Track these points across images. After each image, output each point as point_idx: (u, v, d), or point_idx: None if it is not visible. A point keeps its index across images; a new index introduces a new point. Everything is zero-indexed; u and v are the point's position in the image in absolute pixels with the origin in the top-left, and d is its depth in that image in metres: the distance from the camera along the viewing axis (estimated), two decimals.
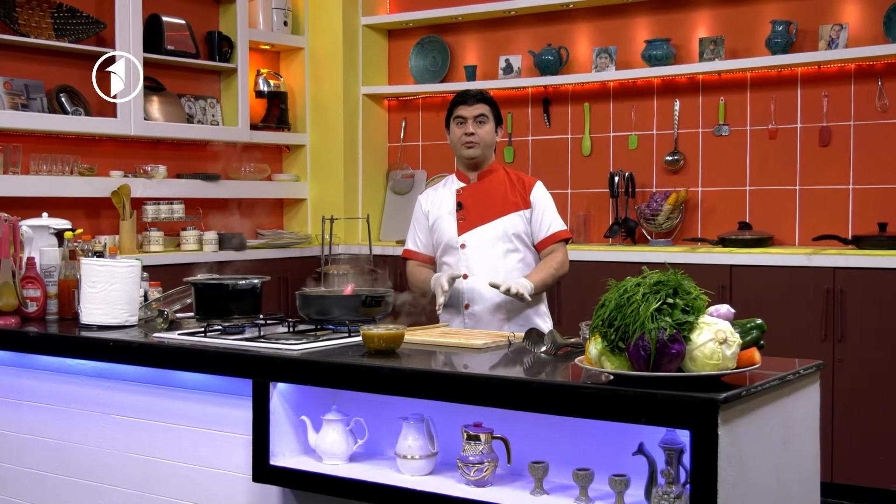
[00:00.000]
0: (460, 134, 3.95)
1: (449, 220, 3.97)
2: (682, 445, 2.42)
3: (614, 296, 2.42)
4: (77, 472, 3.54)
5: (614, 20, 6.04)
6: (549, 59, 6.09)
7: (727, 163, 5.73)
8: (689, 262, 5.37)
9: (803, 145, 5.53)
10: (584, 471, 2.57)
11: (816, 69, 5.47)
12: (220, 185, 6.17)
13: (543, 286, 3.88)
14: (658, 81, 5.92)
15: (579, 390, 2.44)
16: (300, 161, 6.77)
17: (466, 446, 2.71)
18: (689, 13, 5.83)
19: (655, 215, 5.74)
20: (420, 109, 6.81)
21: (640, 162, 5.98)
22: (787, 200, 5.57)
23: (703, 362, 2.35)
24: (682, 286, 2.41)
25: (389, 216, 6.82)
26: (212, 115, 6.23)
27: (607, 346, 2.40)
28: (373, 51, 6.80)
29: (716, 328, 2.36)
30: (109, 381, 3.46)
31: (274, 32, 6.55)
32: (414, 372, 2.74)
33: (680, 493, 2.41)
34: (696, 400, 2.27)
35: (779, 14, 5.52)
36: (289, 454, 3.02)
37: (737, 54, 5.64)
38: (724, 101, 5.72)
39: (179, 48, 5.95)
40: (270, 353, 2.98)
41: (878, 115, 5.31)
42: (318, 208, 6.69)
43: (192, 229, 5.90)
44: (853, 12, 5.37)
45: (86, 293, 3.60)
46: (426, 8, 6.58)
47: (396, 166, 6.85)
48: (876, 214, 5.28)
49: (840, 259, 5.00)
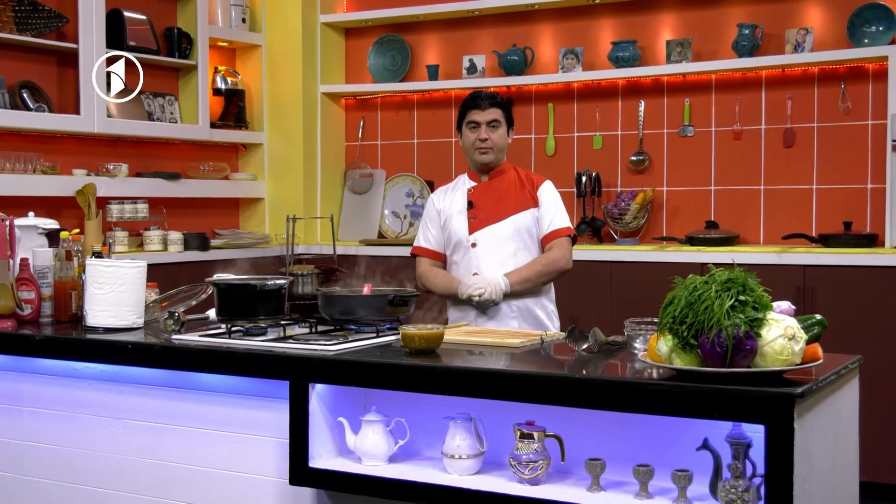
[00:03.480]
0: (473, 139, 3.98)
1: (460, 218, 4.00)
2: (750, 440, 2.46)
3: (684, 293, 2.45)
4: (85, 479, 3.43)
5: (579, 21, 6.10)
6: (515, 59, 6.12)
7: (692, 163, 5.84)
8: (658, 261, 5.48)
9: (767, 146, 5.66)
10: (645, 467, 2.60)
11: (781, 72, 5.61)
12: (181, 183, 6.06)
13: (525, 283, 3.91)
14: (623, 82, 6.00)
15: (648, 387, 2.46)
16: (257, 160, 6.68)
17: (520, 445, 2.71)
18: (655, 16, 5.92)
19: (623, 214, 5.81)
20: (379, 109, 6.77)
21: (604, 162, 6.05)
22: (752, 200, 5.70)
23: (773, 358, 2.39)
24: (748, 284, 2.45)
25: (348, 216, 6.77)
26: (170, 113, 6.11)
27: (679, 343, 2.43)
28: (330, 49, 6.75)
29: (784, 324, 2.41)
30: (121, 385, 3.37)
31: (232, 29, 6.45)
32: (471, 371, 2.73)
33: (748, 487, 2.44)
34: (773, 395, 2.31)
35: (745, 17, 5.64)
36: (326, 456, 2.98)
37: (702, 56, 5.75)
38: (689, 102, 5.83)
39: (141, 44, 5.82)
40: (308, 354, 2.94)
41: (841, 117, 5.47)
42: (276, 208, 6.61)
43: (156, 229, 5.78)
44: (818, 17, 5.51)
45: (92, 295, 3.50)
46: (385, 7, 6.55)
47: (354, 166, 6.80)
48: (839, 214, 5.44)
49: (809, 257, 5.13)
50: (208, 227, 6.34)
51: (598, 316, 5.30)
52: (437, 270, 4.07)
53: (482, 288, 3.83)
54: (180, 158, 6.24)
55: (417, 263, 4.13)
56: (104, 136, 5.67)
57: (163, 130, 5.98)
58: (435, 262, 4.10)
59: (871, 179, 5.41)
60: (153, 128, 5.89)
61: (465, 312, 3.96)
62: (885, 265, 4.97)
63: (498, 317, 3.93)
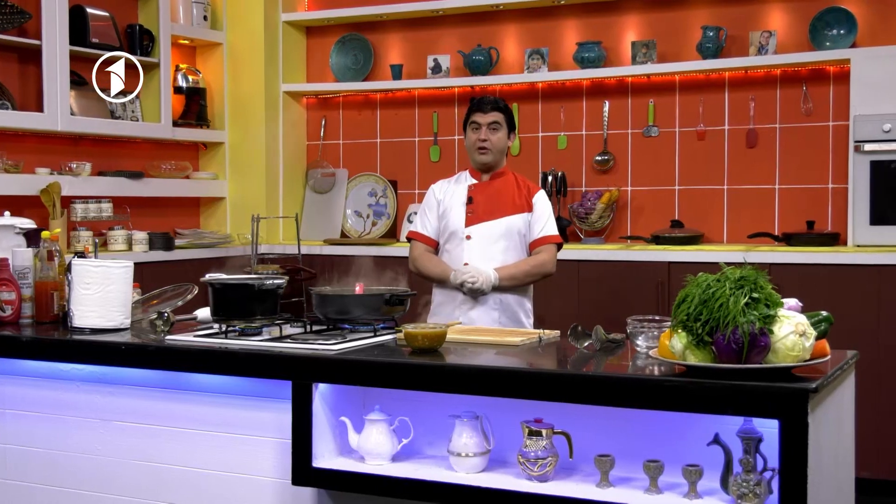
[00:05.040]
0: (475, 139, 4.27)
1: (459, 211, 4.26)
2: (761, 435, 2.51)
3: (697, 291, 2.48)
4: (72, 482, 3.39)
5: (544, 22, 6.14)
6: (480, 59, 6.14)
7: (656, 163, 5.91)
8: (626, 260, 5.55)
9: (731, 146, 5.75)
10: (655, 462, 2.64)
11: (744, 73, 5.70)
12: (143, 183, 5.98)
13: (512, 280, 4.18)
14: (587, 83, 6.06)
15: (664, 384, 2.50)
16: (218, 159, 6.62)
17: (528, 442, 2.73)
18: (619, 17, 5.98)
19: (589, 214, 5.87)
20: (341, 108, 6.75)
21: (569, 162, 6.10)
22: (716, 199, 5.79)
23: (784, 354, 2.44)
24: (758, 282, 2.49)
25: (310, 215, 6.74)
26: (132, 111, 6.03)
27: (693, 340, 2.47)
28: (291, 48, 6.71)
29: (795, 321, 2.46)
30: (110, 387, 3.33)
31: (194, 27, 6.39)
32: (483, 369, 2.75)
33: (759, 481, 2.49)
34: (788, 390, 2.36)
35: (709, 20, 5.73)
36: (328, 456, 2.98)
37: (667, 58, 5.82)
38: (654, 102, 5.90)
39: (104, 41, 5.73)
40: (312, 354, 2.93)
41: (803, 118, 5.58)
42: (238, 207, 6.56)
43: (120, 229, 5.70)
44: (780, 20, 5.62)
45: (79, 295, 3.44)
46: (347, 6, 6.54)
47: (316, 165, 6.78)
48: (800, 213, 5.55)
49: (775, 256, 5.22)
50: (169, 226, 6.27)
51: (566, 314, 5.36)
52: (432, 256, 4.32)
53: (475, 277, 4.09)
54: (141, 157, 6.16)
55: (412, 247, 4.38)
56: (66, 134, 5.58)
57: (126, 129, 5.90)
58: (428, 248, 4.35)
59: (832, 180, 5.52)
60: (117, 126, 5.81)
61: (449, 297, 4.22)
62: (848, 263, 5.08)
63: (482, 307, 4.16)
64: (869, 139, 5.17)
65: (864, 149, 5.18)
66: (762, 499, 2.49)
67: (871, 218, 5.19)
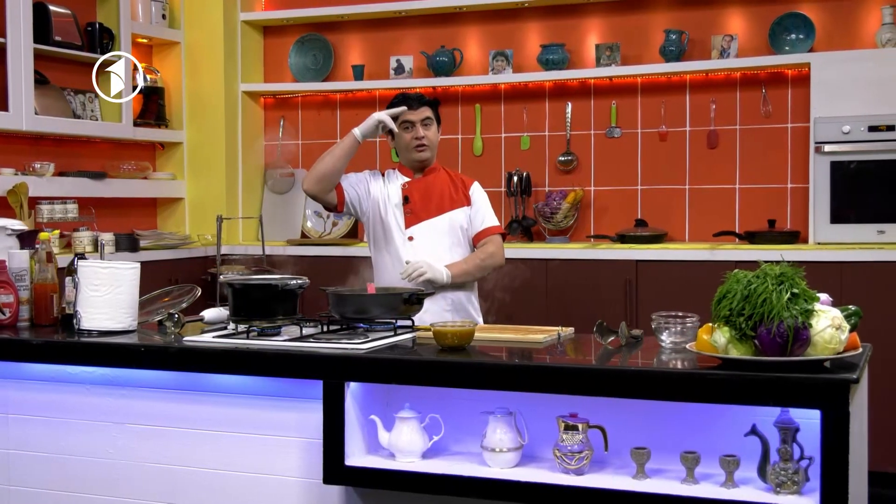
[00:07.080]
0: (410, 138, 4.12)
1: (396, 212, 4.11)
2: (797, 425, 2.60)
3: (738, 287, 2.57)
4: (83, 487, 3.35)
5: (507, 24, 6.22)
6: (444, 60, 6.19)
7: (619, 163, 6.03)
8: (592, 258, 5.65)
9: (692, 147, 5.90)
10: (692, 453, 2.72)
11: (705, 76, 5.85)
12: (105, 183, 5.90)
13: (464, 275, 4.07)
14: (550, 84, 6.15)
15: (707, 377, 2.58)
16: (176, 159, 6.55)
17: (564, 436, 2.79)
18: (582, 20, 6.08)
19: (554, 213, 5.96)
20: (300, 108, 6.74)
21: (532, 162, 6.18)
22: (678, 199, 5.93)
23: (823, 346, 2.54)
24: (796, 279, 2.59)
25: (269, 216, 6.70)
26: (90, 110, 5.94)
27: (736, 335, 2.56)
28: (249, 47, 6.68)
29: (831, 315, 2.57)
30: (122, 389, 3.31)
31: (152, 25, 6.31)
32: (518, 367, 2.80)
33: (797, 469, 2.59)
34: (830, 381, 2.46)
35: (671, 24, 5.86)
36: (359, 454, 3.00)
37: (630, 60, 5.94)
38: (616, 104, 6.02)
39: (67, 39, 5.64)
40: (343, 354, 2.95)
41: (762, 120, 5.75)
42: (197, 208, 6.50)
43: (85, 230, 5.61)
44: (740, 24, 5.78)
45: (86, 297, 3.40)
46: (306, 6, 6.53)
47: (274, 165, 6.75)
48: (761, 212, 5.72)
49: (739, 253, 5.37)
50: (128, 227, 6.19)
51: (535, 312, 5.45)
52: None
53: (424, 268, 3.89)
54: (100, 157, 6.07)
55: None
56: (28, 133, 5.47)
57: (89, 129, 5.81)
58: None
59: (792, 179, 5.70)
60: (80, 126, 5.73)
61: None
62: (810, 260, 5.22)
63: (434, 310, 3.94)
64: (829, 140, 5.35)
65: (825, 150, 5.36)
66: (800, 486, 2.59)
67: (832, 216, 5.37)
